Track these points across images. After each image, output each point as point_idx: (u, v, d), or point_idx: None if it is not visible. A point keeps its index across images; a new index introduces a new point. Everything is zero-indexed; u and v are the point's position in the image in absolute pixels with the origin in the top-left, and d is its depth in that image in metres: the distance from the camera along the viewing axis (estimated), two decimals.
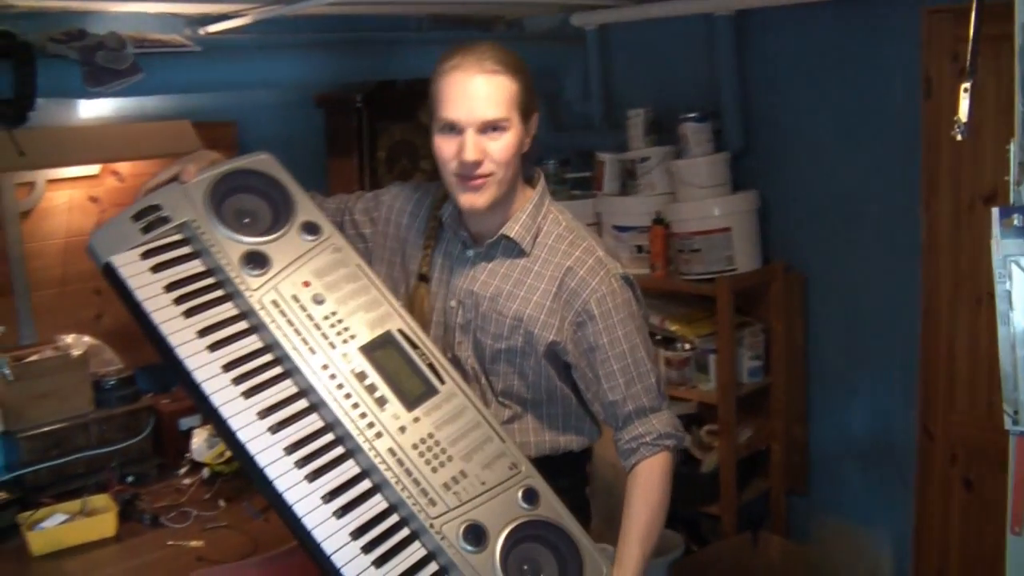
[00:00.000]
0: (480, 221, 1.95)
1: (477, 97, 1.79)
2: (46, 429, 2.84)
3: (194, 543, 2.59)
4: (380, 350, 1.84)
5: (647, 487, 1.88)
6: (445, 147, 1.83)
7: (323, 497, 1.68)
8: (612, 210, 3.50)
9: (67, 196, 3.07)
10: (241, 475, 2.94)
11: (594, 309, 1.87)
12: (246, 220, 1.95)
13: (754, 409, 3.42)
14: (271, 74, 3.16)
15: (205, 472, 2.94)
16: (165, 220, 1.89)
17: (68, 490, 2.83)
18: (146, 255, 1.85)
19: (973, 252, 2.94)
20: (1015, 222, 1.33)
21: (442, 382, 1.85)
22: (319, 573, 1.69)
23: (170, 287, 1.83)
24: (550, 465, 1.89)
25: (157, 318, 1.79)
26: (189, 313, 1.81)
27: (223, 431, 1.72)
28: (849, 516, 3.36)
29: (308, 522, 1.65)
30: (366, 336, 1.85)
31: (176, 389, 3.19)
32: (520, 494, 1.78)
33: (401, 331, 1.88)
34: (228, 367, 1.77)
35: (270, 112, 3.56)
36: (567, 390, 1.98)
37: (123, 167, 3.14)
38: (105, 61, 2.56)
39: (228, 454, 2.92)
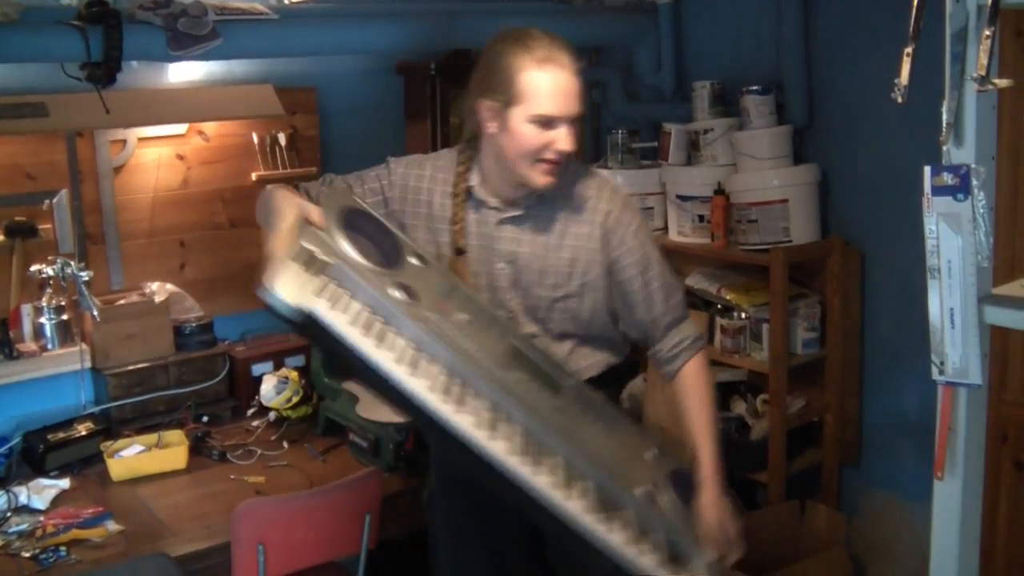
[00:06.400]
0: (517, 187, 2.08)
1: (571, 95, 1.98)
2: (130, 368, 3.09)
3: (256, 478, 2.80)
4: (514, 364, 2.02)
5: (700, 387, 2.18)
6: (535, 138, 1.97)
7: None
8: (676, 179, 3.54)
9: (156, 154, 3.27)
10: (304, 420, 3.15)
11: (632, 241, 2.13)
12: (372, 255, 1.93)
13: (808, 380, 3.43)
14: (345, 42, 3.25)
15: (272, 415, 3.15)
16: (324, 264, 1.83)
17: (148, 425, 3.07)
18: (320, 294, 1.77)
19: None
20: (946, 180, 1.38)
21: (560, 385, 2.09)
22: (358, 506, 1.75)
23: (354, 321, 1.79)
24: (602, 378, 2.24)
25: (366, 351, 1.77)
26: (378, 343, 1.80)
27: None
28: (899, 491, 3.34)
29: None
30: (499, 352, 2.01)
31: (251, 337, 3.40)
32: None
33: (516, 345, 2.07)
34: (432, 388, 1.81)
35: (351, 79, 3.70)
36: (608, 319, 2.23)
37: (208, 127, 3.33)
38: (186, 27, 2.73)
39: (295, 400, 3.12)
